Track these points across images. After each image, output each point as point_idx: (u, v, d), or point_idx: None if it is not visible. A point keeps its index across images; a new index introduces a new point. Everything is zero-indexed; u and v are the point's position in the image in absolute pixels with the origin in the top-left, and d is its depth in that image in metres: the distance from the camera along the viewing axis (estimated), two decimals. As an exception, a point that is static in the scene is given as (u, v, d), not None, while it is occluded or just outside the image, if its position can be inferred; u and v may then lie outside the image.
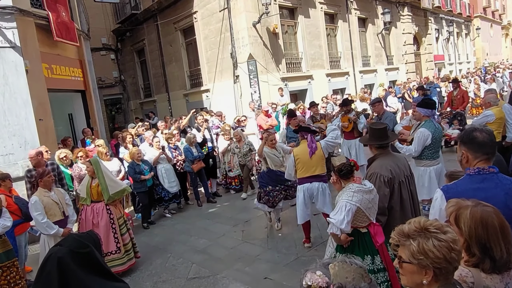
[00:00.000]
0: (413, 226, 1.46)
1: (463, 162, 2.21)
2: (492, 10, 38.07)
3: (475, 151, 2.13)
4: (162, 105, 16.42)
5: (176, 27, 14.56)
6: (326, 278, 1.18)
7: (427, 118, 5.03)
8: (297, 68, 14.07)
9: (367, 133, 6.01)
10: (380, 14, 18.59)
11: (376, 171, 3.40)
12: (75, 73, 9.02)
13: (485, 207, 1.67)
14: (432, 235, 1.41)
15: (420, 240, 1.41)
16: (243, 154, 7.79)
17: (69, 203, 4.95)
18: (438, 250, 1.37)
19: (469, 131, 2.21)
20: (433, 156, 4.97)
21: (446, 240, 1.39)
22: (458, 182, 2.22)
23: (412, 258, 1.41)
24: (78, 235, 1.93)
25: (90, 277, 1.72)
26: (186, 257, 5.50)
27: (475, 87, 11.91)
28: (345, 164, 3.05)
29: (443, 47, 26.19)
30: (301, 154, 5.00)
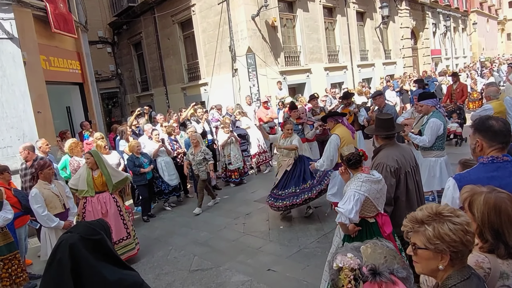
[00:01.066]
0: (426, 212, 1.45)
1: (477, 150, 2.20)
2: (489, 5, 38.13)
3: (491, 139, 2.12)
4: (160, 99, 16.32)
5: (174, 20, 14.43)
6: (357, 260, 1.16)
7: (434, 108, 5.02)
8: (296, 62, 14.03)
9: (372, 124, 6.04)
10: (378, 8, 18.56)
11: (383, 161, 3.39)
12: (73, 66, 8.93)
13: (499, 193, 1.67)
14: (446, 219, 1.40)
15: (435, 225, 1.40)
16: (196, 162, 6.96)
17: (70, 196, 4.90)
18: (454, 234, 1.37)
19: (484, 119, 2.20)
20: (442, 146, 4.97)
21: (460, 223, 1.39)
22: (471, 170, 2.20)
23: (428, 243, 1.40)
24: (89, 223, 1.89)
25: (101, 264, 1.69)
26: (187, 250, 5.48)
27: (472, 81, 11.93)
28: (354, 154, 3.03)
29: (440, 41, 26.23)
30: (346, 135, 5.02)
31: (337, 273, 1.18)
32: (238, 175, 8.35)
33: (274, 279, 4.32)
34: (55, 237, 4.51)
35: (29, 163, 5.82)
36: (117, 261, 1.80)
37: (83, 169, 5.21)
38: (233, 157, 8.21)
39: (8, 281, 4.01)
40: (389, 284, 1.12)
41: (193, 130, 7.82)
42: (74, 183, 5.09)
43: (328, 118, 5.37)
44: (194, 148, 7.05)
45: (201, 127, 8.31)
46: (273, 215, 6.34)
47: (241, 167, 8.38)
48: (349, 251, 1.18)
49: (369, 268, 1.13)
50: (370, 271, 1.13)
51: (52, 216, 4.44)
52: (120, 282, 1.70)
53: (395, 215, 3.45)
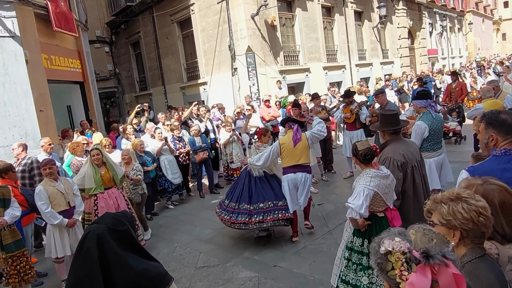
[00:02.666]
0: (447, 194, 1.57)
1: (490, 144, 2.24)
2: (484, 5, 38.41)
3: (505, 133, 2.17)
4: (158, 98, 16.31)
5: (173, 19, 14.43)
6: (407, 244, 1.17)
7: (425, 109, 5.03)
8: (295, 61, 14.07)
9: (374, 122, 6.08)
10: (376, 8, 18.65)
11: (390, 155, 3.46)
12: (74, 64, 8.93)
13: (490, 185, 1.75)
14: (463, 199, 1.51)
15: (450, 204, 1.52)
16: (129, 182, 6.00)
17: (77, 194, 4.87)
18: (466, 212, 1.47)
19: (496, 114, 2.25)
20: (433, 147, 4.92)
21: (475, 205, 1.48)
22: (484, 163, 2.25)
23: (442, 219, 1.52)
24: (114, 214, 1.92)
25: (128, 254, 1.72)
26: (193, 247, 5.50)
27: (472, 80, 12.04)
28: (370, 149, 3.07)
29: (436, 41, 26.37)
30: (287, 143, 5.09)
31: (385, 257, 1.18)
32: (240, 173, 8.35)
33: (281, 275, 4.36)
34: (59, 234, 4.52)
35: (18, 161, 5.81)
36: (141, 252, 1.83)
37: (87, 167, 5.19)
38: (235, 155, 8.23)
39: (16, 278, 4.02)
40: (442, 267, 1.14)
41: (197, 129, 7.83)
42: (79, 183, 5.06)
43: (286, 122, 5.37)
44: (126, 166, 6.13)
45: (203, 126, 8.32)
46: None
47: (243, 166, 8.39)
48: (396, 235, 1.20)
49: (422, 251, 1.14)
50: (423, 254, 1.14)
51: (55, 213, 4.43)
52: (146, 272, 1.73)
53: (403, 209, 3.51)
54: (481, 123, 2.40)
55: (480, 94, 6.13)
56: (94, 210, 5.01)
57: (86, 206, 5.02)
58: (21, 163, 5.75)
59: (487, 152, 2.33)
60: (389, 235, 1.21)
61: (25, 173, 5.70)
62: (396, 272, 1.15)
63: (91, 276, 1.62)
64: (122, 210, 2.83)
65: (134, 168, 6.18)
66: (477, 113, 5.92)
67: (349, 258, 3.21)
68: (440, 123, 4.91)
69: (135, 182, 6.07)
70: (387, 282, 1.27)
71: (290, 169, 5.08)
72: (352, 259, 3.18)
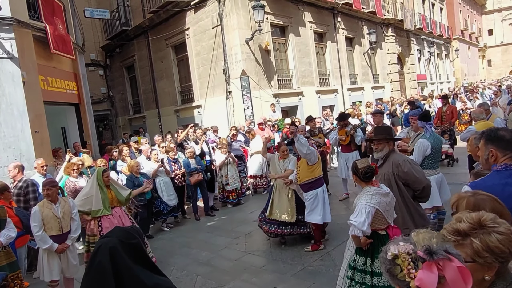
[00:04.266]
0: (468, 222, 1.43)
1: (491, 160, 2.30)
2: (469, 33, 39.76)
3: (505, 148, 2.23)
4: (152, 121, 16.34)
5: (168, 43, 14.66)
6: (411, 245, 1.22)
7: (422, 129, 5.23)
8: (288, 85, 14.30)
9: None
10: (366, 34, 19.18)
11: (404, 158, 3.71)
12: (70, 86, 8.96)
13: (480, 195, 1.79)
14: (490, 229, 1.38)
15: (482, 237, 1.37)
16: None
17: (75, 218, 4.75)
18: (504, 245, 1.35)
19: (495, 131, 2.32)
20: (433, 166, 5.10)
21: (506, 233, 1.37)
22: (486, 178, 2.30)
23: (477, 256, 1.38)
24: (124, 228, 1.91)
25: (139, 268, 1.71)
26: (190, 270, 5.41)
27: (462, 104, 12.32)
28: (369, 167, 3.12)
29: (425, 67, 27.10)
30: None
31: (393, 262, 1.22)
32: (235, 195, 8.34)
33: (281, 297, 4.30)
34: (47, 259, 4.40)
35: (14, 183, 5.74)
36: (152, 266, 1.82)
37: (94, 189, 5.11)
38: (230, 177, 8.23)
39: (9, 302, 3.89)
40: (446, 261, 1.18)
41: (192, 151, 7.85)
42: (81, 204, 4.98)
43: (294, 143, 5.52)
44: None
45: (199, 148, 8.34)
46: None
47: (239, 188, 8.39)
48: (400, 240, 1.25)
49: (424, 249, 1.20)
50: (426, 251, 1.19)
51: (46, 237, 4.32)
52: (156, 287, 1.71)
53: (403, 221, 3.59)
54: (480, 140, 2.47)
55: (473, 116, 6.30)
56: (99, 232, 4.93)
57: (90, 228, 4.94)
58: (17, 186, 5.67)
59: (487, 167, 2.38)
60: (393, 242, 1.26)
61: (20, 197, 5.61)
62: (404, 272, 1.20)
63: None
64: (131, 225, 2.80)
65: None
66: (470, 135, 6.06)
67: (352, 278, 3.19)
68: (440, 143, 5.07)
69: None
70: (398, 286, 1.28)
71: (322, 180, 5.54)
72: (355, 278, 3.16)
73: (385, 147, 3.76)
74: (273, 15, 13.34)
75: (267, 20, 12.91)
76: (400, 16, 21.96)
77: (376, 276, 3.05)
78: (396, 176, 3.61)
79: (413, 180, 3.63)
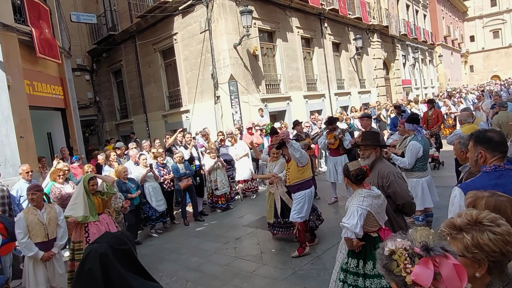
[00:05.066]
0: (465, 218, 1.44)
1: (480, 161, 2.34)
2: (452, 39, 40.66)
3: (493, 149, 2.27)
4: (140, 126, 16.18)
5: (156, 48, 14.59)
6: (408, 242, 1.25)
7: (412, 132, 5.30)
8: (276, 90, 14.35)
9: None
10: (352, 40, 19.42)
11: (390, 170, 3.57)
12: (56, 91, 8.82)
13: (499, 197, 1.78)
14: (486, 227, 1.39)
15: (474, 234, 1.39)
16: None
17: (61, 224, 4.66)
18: (494, 244, 1.36)
19: (483, 133, 2.36)
20: (423, 168, 5.20)
21: (501, 234, 1.37)
22: (476, 179, 2.34)
23: (466, 251, 1.40)
24: (115, 233, 1.87)
25: (130, 274, 1.67)
26: (179, 276, 5.34)
27: (446, 108, 12.55)
28: (361, 169, 3.14)
29: (409, 72, 27.54)
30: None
31: (389, 257, 1.26)
32: (224, 200, 8.30)
33: (273, 301, 4.28)
34: (32, 267, 4.30)
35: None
36: (143, 272, 1.78)
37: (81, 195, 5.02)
38: (219, 182, 8.19)
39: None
40: (442, 258, 1.21)
41: (180, 155, 7.80)
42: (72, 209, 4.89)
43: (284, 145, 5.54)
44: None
45: (188, 153, 8.29)
46: (264, 239, 6.32)
47: (228, 193, 8.35)
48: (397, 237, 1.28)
49: (421, 246, 1.23)
50: (423, 247, 1.22)
51: (31, 245, 4.23)
52: None
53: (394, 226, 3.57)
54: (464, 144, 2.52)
55: (460, 119, 6.44)
56: (86, 238, 4.83)
57: (75, 235, 4.84)
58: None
59: (477, 169, 2.42)
60: (391, 238, 1.29)
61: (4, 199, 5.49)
62: (400, 267, 1.23)
63: None
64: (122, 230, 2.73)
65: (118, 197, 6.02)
66: (456, 138, 6.19)
67: (344, 280, 3.20)
68: (428, 145, 5.17)
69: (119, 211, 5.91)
70: (394, 282, 1.30)
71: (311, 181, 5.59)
72: (348, 281, 3.16)
73: (372, 153, 3.69)
74: (261, 20, 13.42)
75: (255, 25, 12.97)
76: (385, 22, 22.32)
77: (368, 278, 3.06)
78: (381, 188, 3.49)
79: (393, 192, 3.50)
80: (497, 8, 48.69)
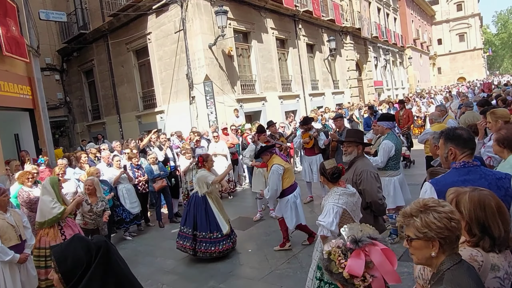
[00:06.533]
0: (414, 206, 1.60)
1: (450, 158, 2.41)
2: (421, 42, 41.95)
3: (463, 146, 2.35)
4: (112, 127, 15.83)
5: (129, 47, 14.31)
6: (340, 240, 1.38)
7: (389, 130, 5.42)
8: (251, 90, 14.37)
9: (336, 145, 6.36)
10: (326, 41, 19.72)
11: (365, 168, 3.65)
12: (23, 91, 8.48)
13: (481, 191, 1.84)
14: (431, 209, 1.55)
15: (422, 216, 1.54)
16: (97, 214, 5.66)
17: (27, 226, 4.54)
18: (439, 221, 1.51)
19: (453, 130, 2.45)
20: (396, 166, 5.32)
21: (444, 211, 1.53)
22: (446, 175, 2.41)
23: (418, 233, 1.54)
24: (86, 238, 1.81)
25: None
26: (154, 279, 5.25)
27: (417, 108, 12.94)
28: (337, 167, 3.18)
29: (381, 73, 28.23)
30: (285, 164, 5.35)
31: (328, 259, 1.37)
32: (190, 199, 8.21)
33: (250, 301, 4.27)
34: (9, 272, 4.14)
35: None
36: None
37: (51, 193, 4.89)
38: (195, 183, 8.09)
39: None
40: (370, 246, 1.34)
41: (154, 157, 7.68)
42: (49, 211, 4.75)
43: (262, 152, 5.55)
44: (90, 197, 5.66)
45: (163, 154, 8.16)
46: (241, 239, 6.29)
47: (204, 194, 8.27)
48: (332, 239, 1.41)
49: (350, 239, 1.35)
50: (352, 241, 1.35)
51: (6, 249, 4.07)
52: None
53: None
54: (438, 139, 2.60)
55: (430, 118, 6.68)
56: (63, 240, 4.67)
57: (45, 240, 4.68)
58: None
59: (447, 165, 2.50)
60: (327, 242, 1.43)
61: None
62: (336, 265, 1.33)
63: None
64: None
65: (101, 199, 5.84)
66: (426, 137, 6.40)
67: (321, 278, 3.22)
68: (400, 145, 5.28)
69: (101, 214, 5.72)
70: (338, 282, 1.40)
71: (292, 187, 5.41)
72: (324, 278, 3.18)
73: (354, 150, 3.81)
74: (236, 21, 13.41)
75: (230, 25, 12.94)
76: (357, 25, 22.78)
77: (344, 275, 3.10)
78: (354, 184, 3.61)
79: (363, 190, 3.60)
80: (462, 12, 50.70)
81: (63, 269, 1.50)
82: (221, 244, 5.45)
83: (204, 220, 5.47)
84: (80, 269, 1.49)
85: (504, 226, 1.78)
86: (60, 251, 1.56)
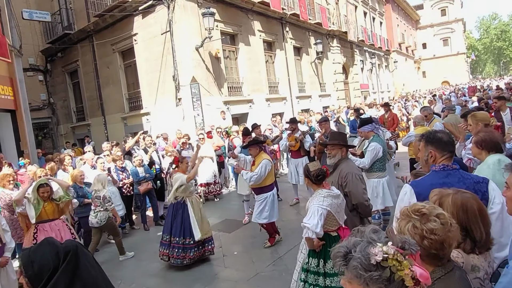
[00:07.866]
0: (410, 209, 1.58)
1: (430, 160, 2.45)
2: (406, 46, 42.62)
3: (442, 149, 2.39)
4: (97, 129, 15.62)
5: (114, 48, 14.16)
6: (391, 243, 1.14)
7: (373, 133, 5.48)
8: (239, 92, 14.37)
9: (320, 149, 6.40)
10: (313, 44, 19.85)
11: (350, 170, 3.67)
12: (5, 91, 8.31)
13: (464, 193, 1.87)
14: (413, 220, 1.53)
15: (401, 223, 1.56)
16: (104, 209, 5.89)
17: (7, 229, 4.46)
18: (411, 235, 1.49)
19: (434, 133, 2.49)
20: (382, 168, 5.38)
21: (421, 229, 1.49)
22: (425, 177, 2.45)
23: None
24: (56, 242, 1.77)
25: None
26: (139, 282, 5.20)
27: (400, 112, 13.12)
28: (321, 169, 3.20)
29: (367, 77, 28.56)
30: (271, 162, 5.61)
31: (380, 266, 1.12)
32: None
33: (235, 304, 4.26)
34: None
35: None
36: None
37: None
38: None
39: None
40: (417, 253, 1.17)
41: (139, 159, 7.61)
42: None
43: (252, 145, 5.65)
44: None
45: (148, 157, 8.08)
46: (226, 242, 6.29)
47: (190, 196, 8.22)
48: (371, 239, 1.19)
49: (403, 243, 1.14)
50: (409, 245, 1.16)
51: None
52: None
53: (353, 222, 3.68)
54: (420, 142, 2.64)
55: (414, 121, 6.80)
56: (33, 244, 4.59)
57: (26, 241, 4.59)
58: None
59: (427, 168, 2.54)
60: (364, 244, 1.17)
61: None
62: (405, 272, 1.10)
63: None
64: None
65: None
66: (410, 140, 6.51)
67: (305, 280, 3.25)
68: (385, 145, 5.36)
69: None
70: None
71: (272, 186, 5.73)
72: (309, 280, 3.21)
73: (338, 153, 3.82)
74: (223, 23, 13.40)
75: (217, 27, 12.92)
76: (344, 28, 23.00)
77: (329, 277, 3.12)
78: (340, 186, 3.62)
79: (349, 192, 3.61)
80: (446, 17, 51.70)
81: (30, 273, 1.50)
82: (192, 251, 5.32)
83: (179, 226, 5.37)
84: (47, 273, 1.48)
85: (485, 228, 1.81)
86: (27, 255, 1.55)
